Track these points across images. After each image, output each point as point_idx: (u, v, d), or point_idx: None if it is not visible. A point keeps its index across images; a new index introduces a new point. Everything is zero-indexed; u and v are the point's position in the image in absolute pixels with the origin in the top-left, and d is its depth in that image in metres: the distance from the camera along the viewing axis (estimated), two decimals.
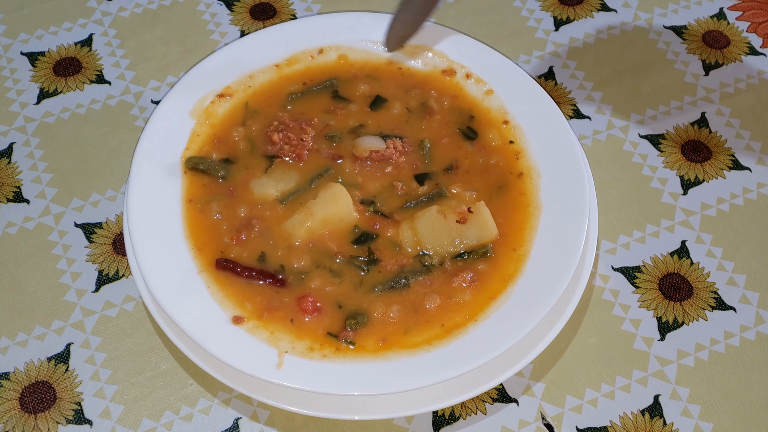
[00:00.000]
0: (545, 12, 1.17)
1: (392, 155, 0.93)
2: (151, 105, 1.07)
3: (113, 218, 0.97)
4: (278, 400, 0.80)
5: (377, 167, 0.93)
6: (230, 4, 1.17)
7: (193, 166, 0.92)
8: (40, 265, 0.93)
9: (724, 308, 0.91)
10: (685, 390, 0.86)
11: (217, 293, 0.84)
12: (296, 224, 0.88)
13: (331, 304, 0.84)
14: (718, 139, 1.04)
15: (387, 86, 1.00)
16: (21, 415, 0.84)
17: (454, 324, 0.83)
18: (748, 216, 0.98)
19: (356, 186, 0.92)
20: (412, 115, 0.98)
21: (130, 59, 1.11)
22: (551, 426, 0.84)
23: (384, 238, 0.88)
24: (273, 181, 0.92)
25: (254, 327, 0.82)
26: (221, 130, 0.96)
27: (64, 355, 0.87)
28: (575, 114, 1.06)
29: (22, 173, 1.00)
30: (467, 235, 0.87)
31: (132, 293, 0.92)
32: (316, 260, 0.86)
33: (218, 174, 0.92)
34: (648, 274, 0.93)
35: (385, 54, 1.03)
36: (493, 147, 0.95)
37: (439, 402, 0.80)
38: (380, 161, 0.93)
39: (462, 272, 0.85)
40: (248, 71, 1.00)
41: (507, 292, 0.84)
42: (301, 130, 0.95)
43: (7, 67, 1.10)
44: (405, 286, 0.85)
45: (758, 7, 1.18)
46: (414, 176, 0.93)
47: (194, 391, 0.86)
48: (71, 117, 1.05)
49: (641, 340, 0.89)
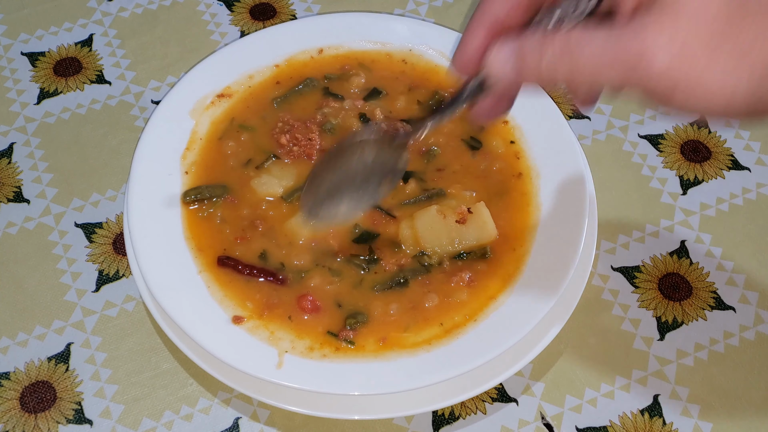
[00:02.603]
0: None
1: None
2: (151, 105, 1.07)
3: (113, 218, 0.97)
4: (278, 400, 0.80)
5: None
6: (230, 5, 1.17)
7: (191, 200, 0.90)
8: (41, 265, 0.94)
9: (723, 308, 0.91)
10: (685, 390, 0.86)
11: (217, 293, 0.84)
12: (301, 222, 0.88)
13: (330, 303, 0.84)
14: (718, 139, 1.04)
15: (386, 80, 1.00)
16: (21, 415, 0.84)
17: (454, 324, 0.83)
18: (748, 216, 0.98)
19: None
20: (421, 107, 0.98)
21: (130, 59, 1.11)
22: (551, 426, 0.84)
23: (384, 237, 0.88)
24: (275, 179, 0.92)
25: (254, 327, 0.82)
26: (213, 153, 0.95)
27: (64, 355, 0.88)
28: (575, 114, 1.06)
29: (23, 173, 1.00)
30: (467, 236, 0.87)
31: (132, 293, 0.92)
32: (317, 259, 0.87)
33: (216, 197, 0.91)
34: (647, 274, 0.93)
35: (384, 50, 1.03)
36: (498, 153, 0.95)
37: (439, 402, 0.81)
38: None
39: (460, 272, 0.85)
40: (248, 71, 1.00)
41: (507, 292, 0.84)
42: (307, 129, 0.95)
43: (7, 68, 1.10)
44: (404, 286, 0.85)
45: None
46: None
47: (194, 390, 0.86)
48: (71, 117, 1.06)
49: (641, 340, 0.89)
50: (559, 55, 0.56)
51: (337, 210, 0.80)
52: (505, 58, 0.59)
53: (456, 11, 1.17)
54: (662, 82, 0.52)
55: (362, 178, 0.79)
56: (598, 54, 0.54)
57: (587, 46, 0.54)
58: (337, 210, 0.80)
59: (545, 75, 0.57)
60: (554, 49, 0.56)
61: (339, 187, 0.79)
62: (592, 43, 0.54)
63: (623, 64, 0.53)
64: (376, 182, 0.79)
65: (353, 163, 0.78)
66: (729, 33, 0.51)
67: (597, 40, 0.54)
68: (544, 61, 0.57)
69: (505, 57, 0.59)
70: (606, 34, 0.54)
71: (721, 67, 0.51)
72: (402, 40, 1.03)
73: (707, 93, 0.52)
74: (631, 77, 0.53)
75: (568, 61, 0.55)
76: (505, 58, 0.59)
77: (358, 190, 0.79)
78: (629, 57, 0.52)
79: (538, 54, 0.57)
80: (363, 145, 0.78)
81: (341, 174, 0.79)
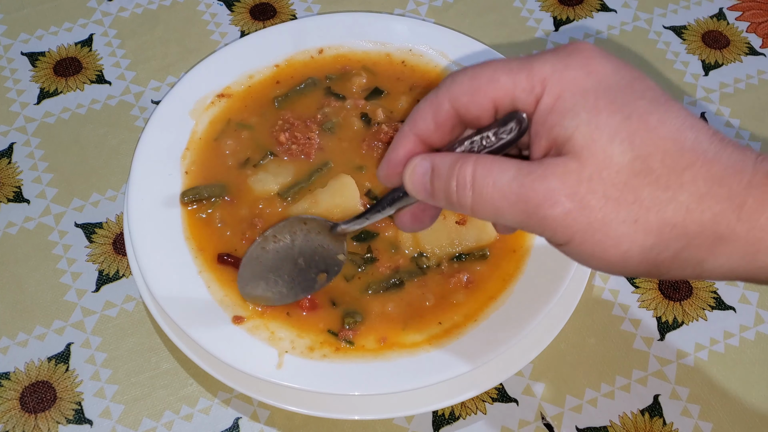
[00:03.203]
0: (545, 12, 1.17)
1: None
2: (151, 105, 1.07)
3: (113, 218, 0.97)
4: (278, 400, 0.80)
5: (385, 149, 0.93)
6: (230, 4, 1.17)
7: (189, 200, 0.90)
8: (41, 265, 0.94)
9: (723, 308, 0.91)
10: (685, 390, 0.86)
11: (217, 293, 0.84)
12: (300, 211, 0.88)
13: (325, 300, 0.84)
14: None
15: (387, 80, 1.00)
16: (21, 415, 0.84)
17: (454, 324, 0.83)
18: None
19: (362, 168, 0.92)
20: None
21: (130, 59, 1.11)
22: (551, 426, 0.84)
23: (383, 237, 0.88)
24: (272, 176, 0.92)
25: (254, 327, 0.82)
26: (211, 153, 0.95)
27: (64, 355, 0.88)
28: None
29: (23, 173, 1.00)
30: (466, 237, 0.87)
31: (132, 293, 0.92)
32: None
33: (214, 197, 0.91)
34: None
35: (384, 50, 1.03)
36: None
37: (439, 402, 0.81)
38: (389, 142, 0.93)
39: (458, 274, 0.85)
40: (248, 71, 1.00)
41: (507, 292, 0.84)
42: (306, 127, 0.95)
43: (7, 68, 1.10)
44: (400, 286, 0.85)
45: (758, 7, 1.18)
46: None
47: (194, 390, 0.86)
48: (71, 117, 1.06)
49: (641, 340, 0.89)
50: (464, 183, 0.55)
51: (272, 292, 0.81)
52: (419, 175, 0.59)
53: (456, 11, 1.17)
54: (560, 230, 0.52)
55: (301, 265, 0.80)
56: (502, 190, 0.53)
57: (493, 180, 0.54)
58: (272, 292, 0.81)
59: (454, 200, 0.57)
60: (462, 176, 0.55)
61: (277, 269, 0.81)
62: (500, 177, 0.54)
63: (525, 205, 0.53)
64: (315, 272, 0.81)
65: (293, 246, 0.80)
66: (630, 189, 0.51)
67: (505, 175, 0.54)
68: (451, 189, 0.56)
69: (419, 174, 0.59)
70: (515, 171, 0.53)
71: (618, 223, 0.51)
72: (402, 40, 1.03)
73: (603, 246, 0.52)
74: (531, 219, 0.53)
75: (471, 192, 0.55)
76: (419, 176, 0.59)
77: (295, 278, 0.81)
78: (531, 199, 0.52)
79: (445, 178, 0.57)
80: (304, 227, 0.79)
81: (281, 255, 0.80)
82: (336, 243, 0.79)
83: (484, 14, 1.17)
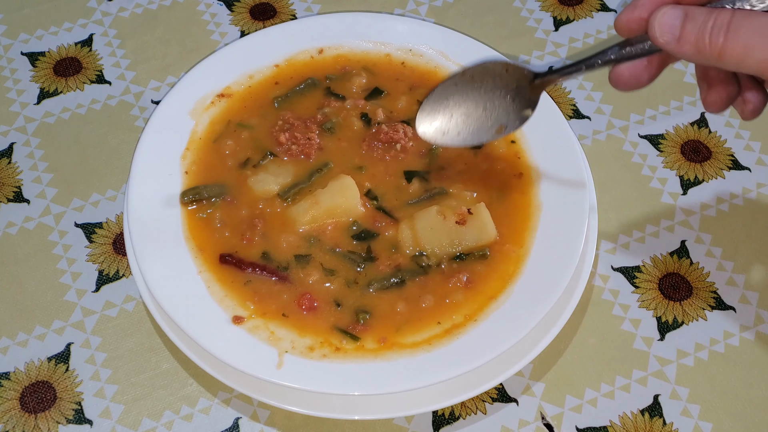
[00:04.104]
0: (545, 12, 1.17)
1: (401, 139, 0.93)
2: (151, 105, 1.07)
3: (113, 218, 0.97)
4: (278, 400, 0.80)
5: (384, 149, 0.93)
6: (230, 4, 1.17)
7: (189, 200, 0.90)
8: (41, 265, 0.94)
9: (723, 308, 0.91)
10: (685, 390, 0.86)
11: (217, 293, 0.84)
12: (301, 211, 0.88)
13: (328, 300, 0.84)
14: (718, 139, 1.04)
15: (387, 81, 1.00)
16: (21, 415, 0.84)
17: (454, 324, 0.83)
18: (748, 216, 0.98)
19: (362, 168, 0.92)
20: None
21: (130, 59, 1.11)
22: (551, 426, 0.84)
23: (383, 237, 0.88)
24: (272, 177, 0.92)
25: (254, 327, 0.82)
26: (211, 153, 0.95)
27: (64, 355, 0.88)
28: (575, 114, 1.06)
29: (23, 173, 1.00)
30: (466, 237, 0.87)
31: (132, 293, 0.92)
32: (316, 255, 0.87)
33: (214, 197, 0.91)
34: (648, 274, 0.93)
35: (384, 50, 1.03)
36: (499, 153, 0.95)
37: (439, 402, 0.81)
38: (388, 143, 0.93)
39: (458, 274, 0.85)
40: (248, 71, 1.00)
41: (507, 292, 0.84)
42: (306, 128, 0.95)
43: (7, 68, 1.10)
44: (400, 286, 0.85)
45: None
46: (403, 172, 0.93)
47: (194, 390, 0.86)
48: (71, 117, 1.06)
49: (641, 340, 0.89)
50: (719, 26, 0.59)
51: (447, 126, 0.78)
52: (669, 20, 0.62)
53: (456, 11, 1.17)
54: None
55: (485, 107, 0.77)
56: (759, 27, 0.58)
57: (750, 21, 0.58)
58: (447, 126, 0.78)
59: (701, 44, 0.60)
60: (717, 21, 0.60)
61: (460, 106, 0.77)
62: (758, 18, 0.58)
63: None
64: (494, 123, 0.77)
65: (482, 90, 0.77)
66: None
67: (758, 21, 0.58)
68: (705, 30, 0.60)
69: (670, 19, 0.62)
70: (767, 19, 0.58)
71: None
72: (402, 40, 1.03)
73: None
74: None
75: (725, 31, 0.59)
76: (669, 20, 0.62)
77: (475, 119, 0.77)
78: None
79: (701, 22, 0.60)
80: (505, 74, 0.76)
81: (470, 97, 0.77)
82: (532, 94, 0.76)
83: (484, 14, 1.17)
